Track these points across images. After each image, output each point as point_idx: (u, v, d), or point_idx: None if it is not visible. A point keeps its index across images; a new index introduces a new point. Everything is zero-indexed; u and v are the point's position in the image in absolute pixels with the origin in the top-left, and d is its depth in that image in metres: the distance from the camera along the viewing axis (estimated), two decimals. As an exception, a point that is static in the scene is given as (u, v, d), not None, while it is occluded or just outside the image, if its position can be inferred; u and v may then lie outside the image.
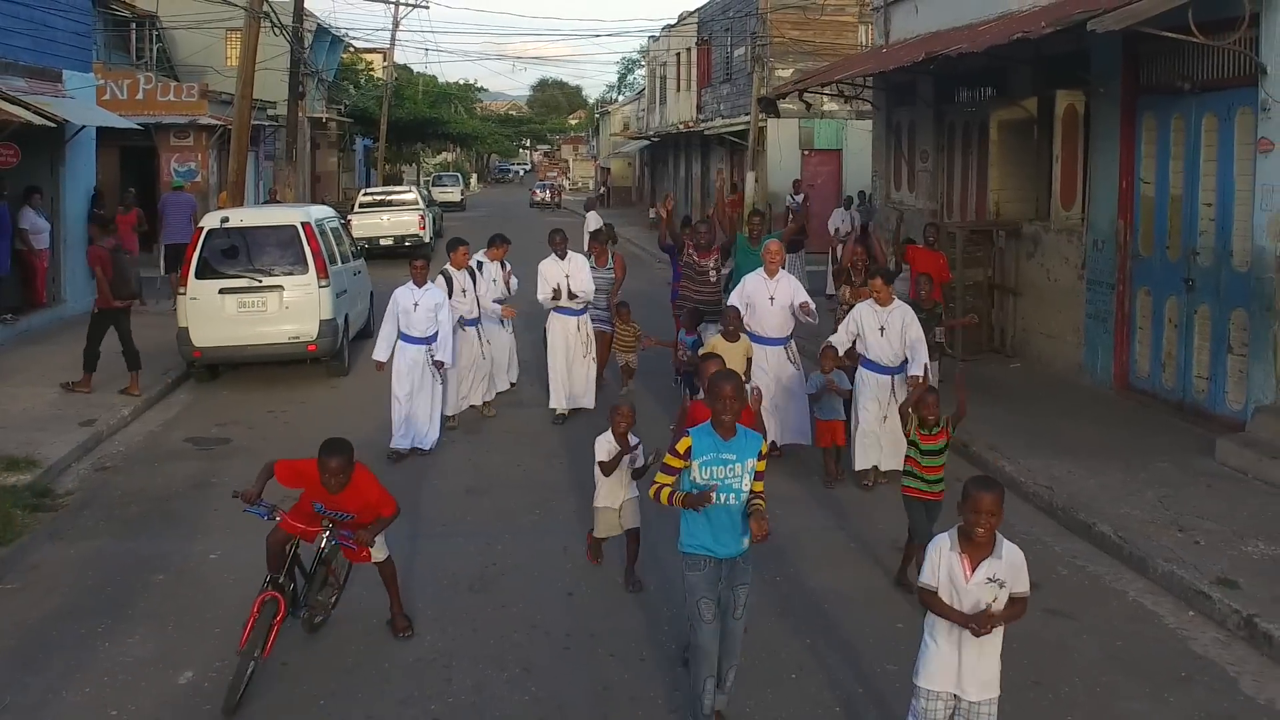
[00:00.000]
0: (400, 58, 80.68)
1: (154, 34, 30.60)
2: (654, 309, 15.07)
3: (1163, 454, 9.56)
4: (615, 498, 7.14)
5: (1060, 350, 12.89)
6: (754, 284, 9.79)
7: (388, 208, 29.10)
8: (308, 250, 13.01)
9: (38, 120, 14.69)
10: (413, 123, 53.06)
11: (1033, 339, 13.59)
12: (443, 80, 67.95)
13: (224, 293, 12.77)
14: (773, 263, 9.79)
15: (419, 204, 29.71)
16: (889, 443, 8.98)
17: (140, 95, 24.95)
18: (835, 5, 28.74)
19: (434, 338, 10.24)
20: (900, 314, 8.88)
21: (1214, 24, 9.38)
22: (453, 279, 10.86)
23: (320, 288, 12.96)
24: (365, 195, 30.74)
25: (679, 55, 41.47)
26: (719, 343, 9.15)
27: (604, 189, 59.07)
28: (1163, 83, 11.03)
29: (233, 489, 6.26)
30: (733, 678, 5.36)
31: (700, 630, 5.16)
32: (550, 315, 11.54)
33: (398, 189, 32.81)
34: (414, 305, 10.14)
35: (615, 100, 73.91)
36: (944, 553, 4.56)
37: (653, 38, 47.63)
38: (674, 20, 42.70)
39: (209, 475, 9.64)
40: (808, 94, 19.67)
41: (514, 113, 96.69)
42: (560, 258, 11.39)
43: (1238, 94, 9.88)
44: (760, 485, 5.23)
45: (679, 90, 41.85)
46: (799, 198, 24.11)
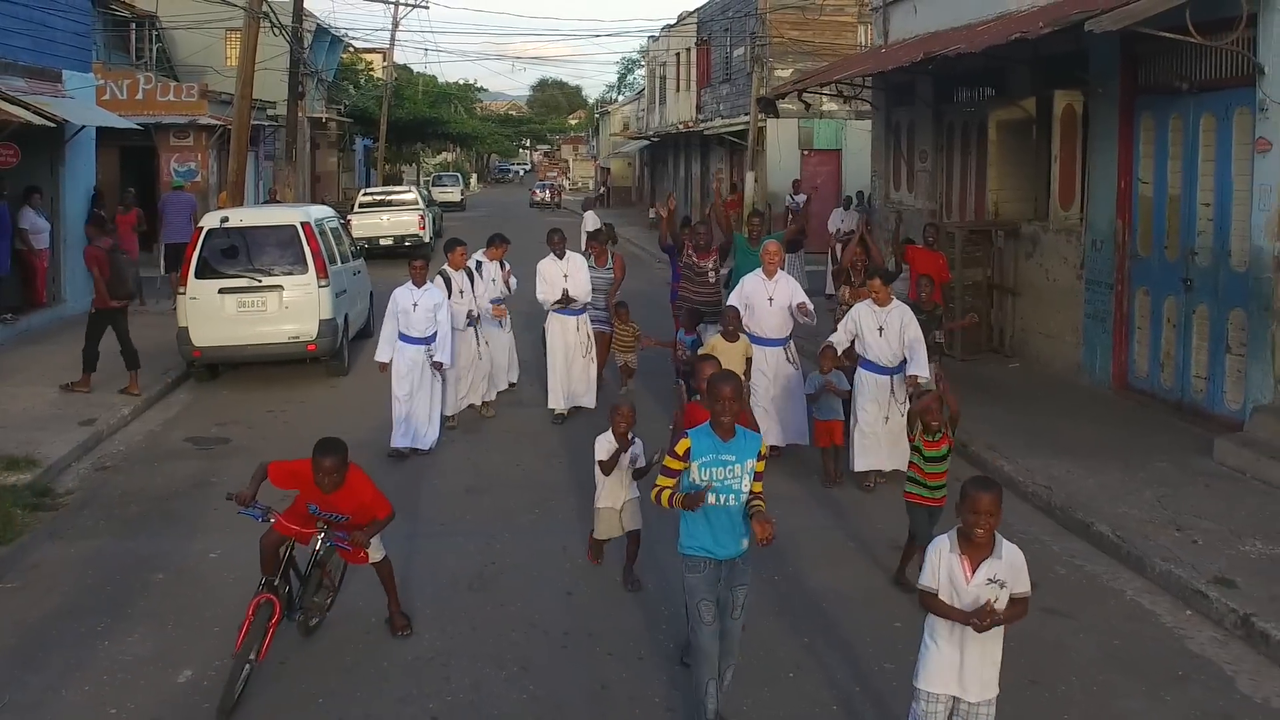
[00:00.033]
0: (400, 58, 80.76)
1: (154, 34, 30.61)
2: (654, 309, 15.08)
3: (1161, 453, 9.58)
4: (616, 498, 7.14)
5: (1059, 350, 12.91)
6: (752, 285, 9.80)
7: (387, 208, 29.10)
8: (307, 250, 13.02)
9: (37, 120, 14.71)
10: (412, 123, 53.06)
11: (1031, 339, 13.61)
12: (442, 80, 68.06)
13: (224, 292, 12.79)
14: (771, 264, 9.80)
15: (419, 204, 29.71)
16: (889, 443, 8.99)
17: (140, 95, 24.96)
18: (834, 5, 28.77)
19: (433, 338, 10.25)
20: (898, 314, 8.89)
21: (1211, 24, 9.39)
22: (451, 280, 10.88)
23: (320, 287, 12.97)
24: (365, 195, 30.74)
25: (678, 55, 41.48)
26: (718, 343, 9.16)
27: (604, 189, 59.09)
28: (1161, 83, 11.05)
29: (227, 491, 6.23)
30: (730, 676, 5.36)
31: (701, 632, 5.15)
32: (549, 315, 11.55)
33: (397, 189, 32.81)
34: (413, 306, 10.16)
35: (615, 100, 73.93)
36: (943, 554, 4.54)
37: (652, 38, 47.65)
38: (673, 20, 42.72)
39: (209, 475, 9.66)
40: (807, 94, 19.68)
41: (514, 113, 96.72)
42: (559, 257, 11.41)
43: (1236, 94, 9.89)
44: (759, 486, 5.22)
45: (678, 90, 41.86)
46: (799, 198, 24.10)
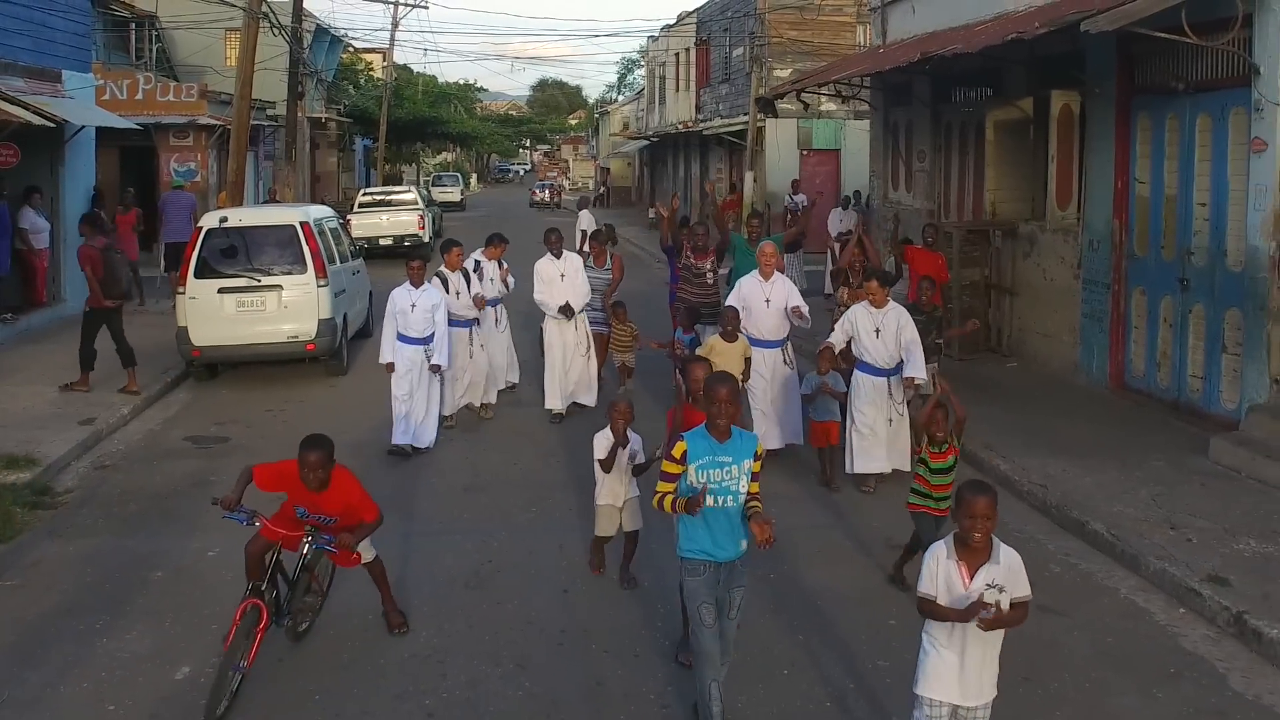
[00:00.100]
0: (400, 58, 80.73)
1: (153, 34, 30.62)
2: (653, 310, 15.09)
3: (1157, 453, 9.61)
4: (617, 496, 7.13)
5: (1056, 350, 12.93)
6: (749, 286, 9.82)
7: (387, 208, 29.11)
8: (306, 250, 13.04)
9: (37, 120, 14.74)
10: (412, 123, 53.07)
11: (1029, 338, 13.64)
12: (442, 80, 68.08)
13: (223, 292, 12.81)
14: (767, 265, 9.80)
15: (418, 204, 29.72)
16: (887, 445, 9.00)
17: (140, 95, 24.96)
18: (833, 5, 28.79)
19: (431, 338, 10.27)
20: (895, 316, 8.89)
21: (1207, 24, 9.41)
22: (448, 280, 10.89)
23: (319, 287, 12.99)
24: (365, 195, 30.75)
25: (678, 55, 41.51)
26: (716, 343, 9.15)
27: (604, 189, 59.13)
28: (1157, 83, 11.07)
29: (212, 496, 6.11)
30: (724, 674, 5.35)
31: (702, 635, 5.13)
32: (546, 315, 11.56)
33: (397, 189, 32.81)
34: (411, 306, 10.18)
35: (615, 100, 73.97)
36: (941, 561, 4.50)
37: (652, 38, 47.68)
38: (673, 20, 42.76)
39: (208, 473, 9.69)
40: (805, 94, 19.73)
41: (514, 113, 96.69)
42: (556, 257, 11.43)
43: (1232, 94, 9.92)
44: (756, 486, 5.21)
45: (678, 90, 41.88)
46: (798, 198, 24.13)
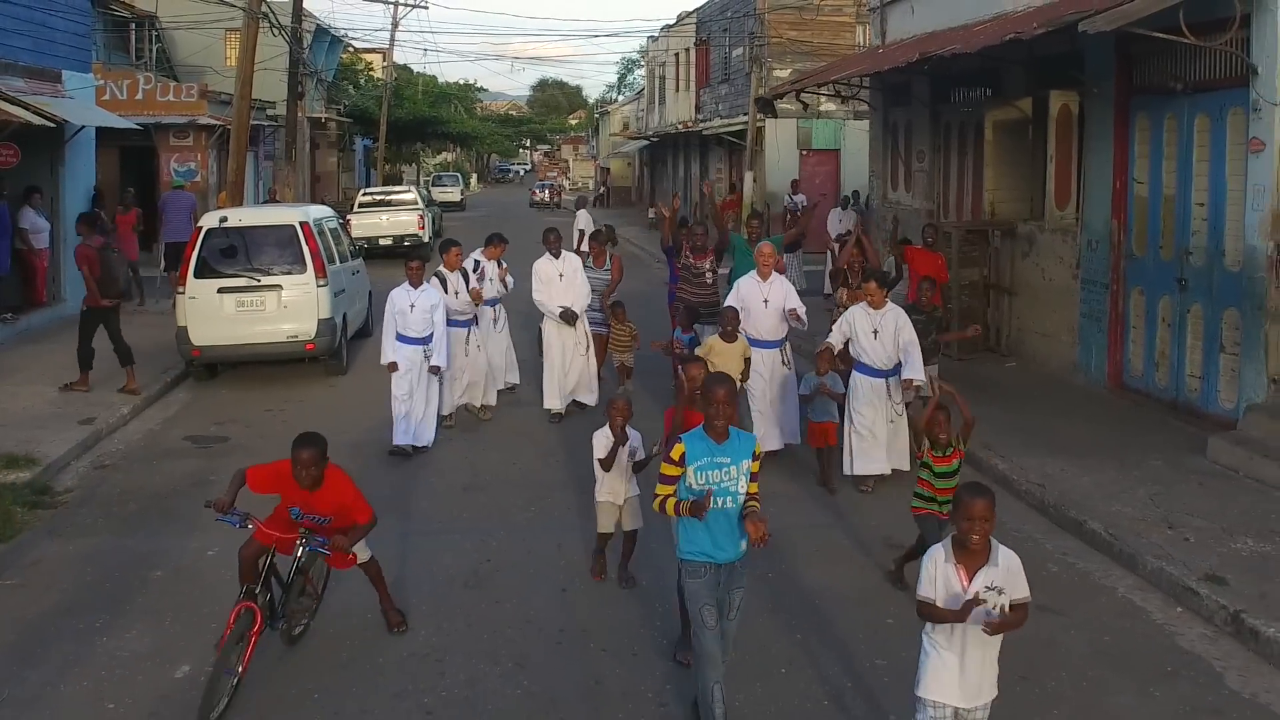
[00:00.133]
0: (399, 58, 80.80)
1: (153, 34, 30.63)
2: (652, 310, 15.10)
3: (1155, 452, 9.62)
4: (617, 494, 7.11)
5: (1055, 349, 12.95)
6: (748, 287, 9.83)
7: (387, 208, 29.11)
8: (306, 250, 13.06)
9: (37, 120, 14.75)
10: (412, 123, 53.09)
11: (1028, 338, 13.65)
12: (442, 80, 68.09)
13: (223, 292, 12.82)
14: (765, 266, 9.81)
15: (418, 204, 29.72)
16: (886, 447, 9.02)
17: (140, 95, 24.97)
18: (832, 6, 28.81)
19: (430, 338, 10.28)
20: (893, 317, 8.90)
21: (1205, 25, 9.42)
22: (446, 280, 10.90)
23: (318, 287, 13.01)
24: (364, 195, 30.76)
25: (678, 55, 41.53)
26: (716, 344, 9.14)
27: (604, 189, 59.15)
28: (1155, 83, 11.09)
29: (205, 499, 6.06)
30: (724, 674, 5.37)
31: (704, 637, 5.11)
32: (545, 315, 11.57)
33: (397, 189, 32.82)
34: (410, 307, 10.18)
35: (615, 100, 73.98)
36: (939, 564, 4.48)
37: (652, 38, 47.69)
38: (673, 21, 42.78)
39: (207, 473, 9.70)
40: (805, 94, 19.74)
41: (514, 113, 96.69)
42: (554, 257, 11.44)
43: (1230, 94, 9.93)
44: (755, 486, 5.20)
45: (678, 90, 41.90)
46: (798, 198, 24.16)
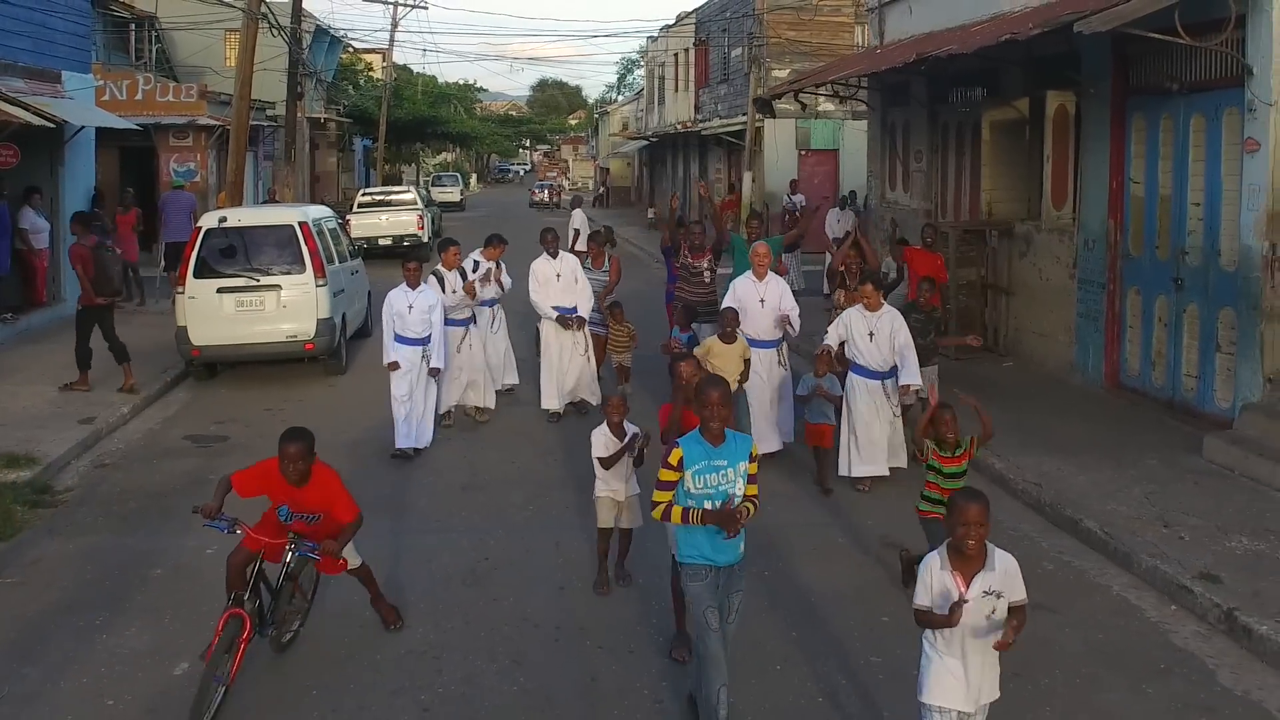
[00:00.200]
0: (399, 58, 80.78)
1: (153, 35, 30.65)
2: (651, 310, 15.12)
3: (1151, 451, 9.65)
4: (617, 491, 7.10)
5: (1052, 349, 12.98)
6: (744, 288, 9.86)
7: (386, 208, 29.13)
8: (305, 250, 13.09)
9: (37, 121, 14.79)
10: (412, 123, 53.09)
11: (1025, 338, 13.68)
12: (442, 81, 68.10)
13: (222, 292, 12.86)
14: (761, 266, 9.83)
15: (417, 204, 29.75)
16: (883, 448, 9.05)
17: (139, 96, 25.00)
18: (831, 6, 28.84)
19: (429, 339, 10.28)
20: (889, 319, 8.92)
21: (1200, 25, 9.45)
22: (444, 279, 10.92)
23: (317, 287, 13.04)
24: (364, 195, 30.79)
25: (677, 56, 41.55)
26: (715, 344, 9.11)
27: (603, 189, 59.19)
28: (1152, 84, 11.13)
29: (192, 505, 5.98)
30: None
31: (708, 639, 5.07)
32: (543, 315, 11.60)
33: (396, 189, 32.85)
34: (408, 308, 10.17)
35: (614, 100, 73.99)
36: (935, 572, 4.45)
37: (651, 38, 47.72)
38: (672, 21, 42.82)
39: (206, 472, 9.71)
40: (803, 94, 19.76)
41: (514, 113, 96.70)
42: (552, 257, 11.47)
43: (1225, 95, 9.97)
44: (754, 489, 5.16)
45: (677, 91, 41.93)
46: (796, 198, 24.19)
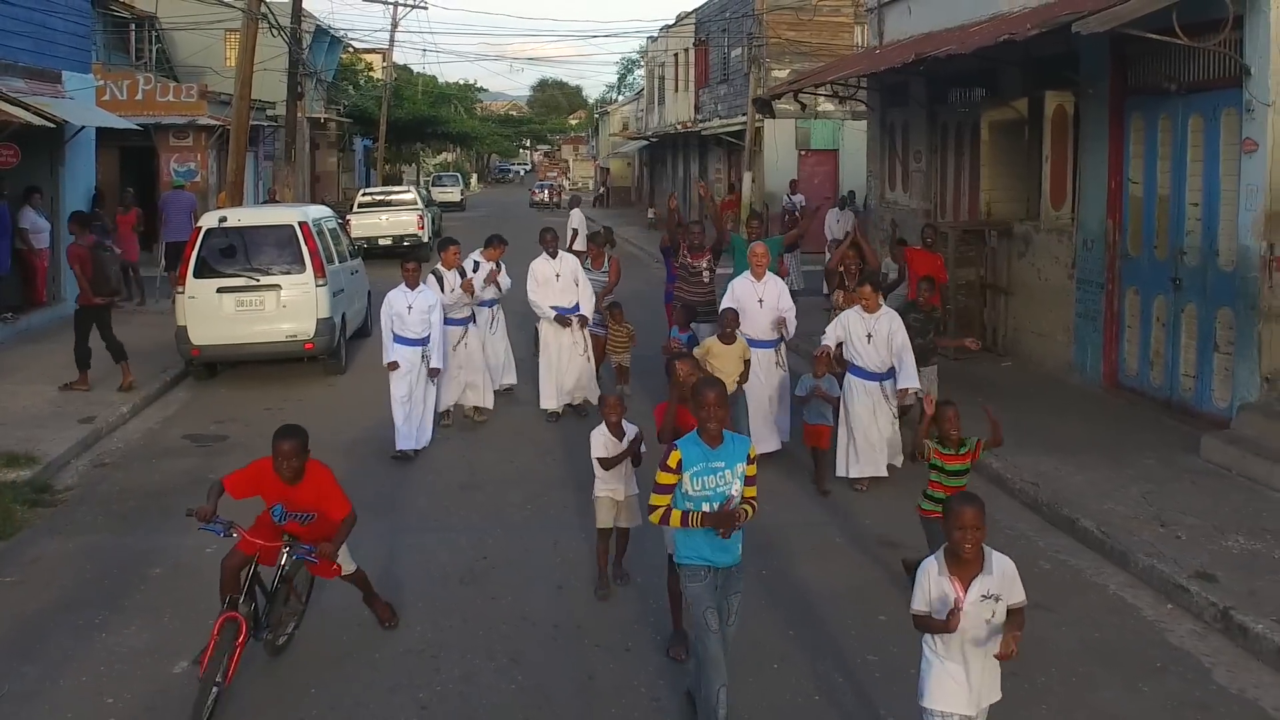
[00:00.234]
0: (399, 58, 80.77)
1: (153, 35, 30.69)
2: (650, 310, 15.14)
3: (1149, 451, 9.67)
4: (616, 490, 7.10)
5: (1051, 349, 13.00)
6: (742, 288, 9.87)
7: (386, 208, 29.14)
8: (305, 250, 13.11)
9: (37, 121, 14.81)
10: (412, 123, 53.11)
11: (1024, 337, 13.70)
12: (442, 81, 68.14)
13: (222, 291, 12.87)
14: (759, 266, 9.85)
15: (417, 204, 29.76)
16: (881, 449, 9.07)
17: (139, 96, 25.02)
18: (830, 6, 28.85)
19: (428, 339, 10.29)
20: (887, 321, 8.93)
21: (1198, 26, 9.46)
22: (443, 278, 10.94)
23: (317, 287, 13.06)
24: (364, 195, 30.79)
25: (677, 56, 41.56)
26: (714, 345, 9.12)
27: (603, 189, 59.20)
28: (1150, 84, 11.14)
29: (186, 508, 5.94)
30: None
31: (708, 641, 5.07)
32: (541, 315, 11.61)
33: (396, 189, 32.87)
34: (408, 309, 10.16)
35: (614, 100, 74.02)
36: (933, 578, 4.44)
37: (651, 38, 47.74)
38: (672, 21, 42.84)
39: (206, 471, 9.70)
40: (803, 94, 19.78)
41: (514, 113, 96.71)
42: (551, 256, 11.48)
43: (1223, 95, 9.98)
44: (753, 490, 5.14)
45: (677, 91, 41.94)
46: (796, 198, 24.21)
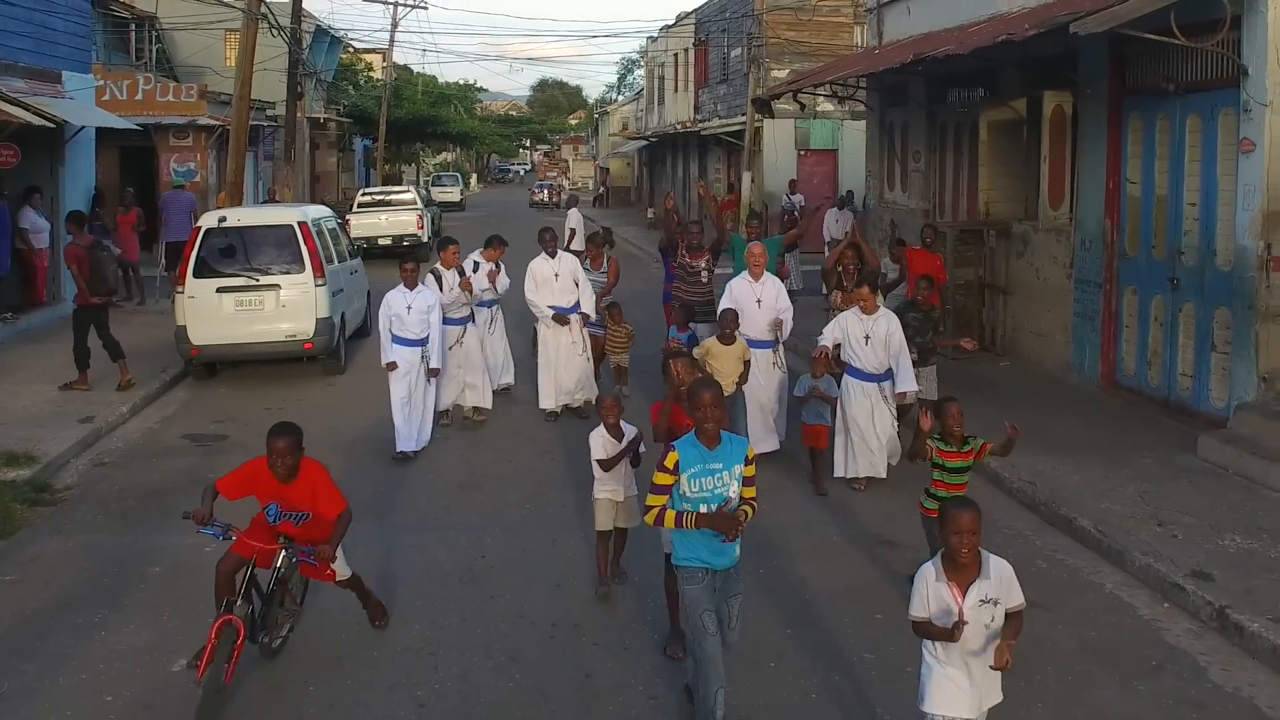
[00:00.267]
0: (399, 58, 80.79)
1: (153, 35, 30.70)
2: (650, 310, 15.15)
3: (1146, 450, 9.69)
4: (615, 492, 7.10)
5: (1049, 348, 13.02)
6: (740, 288, 9.89)
7: (386, 208, 29.14)
8: (304, 249, 13.12)
9: (37, 121, 14.83)
10: (412, 123, 53.12)
11: (1022, 337, 13.72)
12: (442, 81, 68.14)
13: (221, 291, 12.89)
14: (757, 266, 9.86)
15: (417, 204, 29.76)
16: (878, 449, 9.09)
17: (139, 96, 25.02)
18: (830, 6, 28.86)
19: (428, 340, 10.29)
20: (885, 323, 8.96)
21: (1196, 26, 9.48)
22: (442, 278, 10.95)
23: (317, 286, 13.07)
24: (364, 195, 30.79)
25: (676, 56, 41.59)
26: (713, 346, 9.13)
27: (603, 189, 59.22)
28: (1148, 84, 11.16)
29: (183, 511, 5.93)
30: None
31: (706, 643, 5.06)
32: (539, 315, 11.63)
33: (396, 189, 32.87)
34: (407, 309, 10.16)
35: (614, 100, 74.03)
36: (930, 584, 4.42)
37: (651, 38, 47.76)
38: (671, 21, 42.86)
39: (205, 470, 9.72)
40: (802, 94, 19.80)
41: (514, 113, 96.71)
42: (550, 256, 11.50)
43: (1221, 95, 10.00)
44: (752, 491, 5.14)
45: (676, 91, 41.96)
46: (796, 198, 24.23)
